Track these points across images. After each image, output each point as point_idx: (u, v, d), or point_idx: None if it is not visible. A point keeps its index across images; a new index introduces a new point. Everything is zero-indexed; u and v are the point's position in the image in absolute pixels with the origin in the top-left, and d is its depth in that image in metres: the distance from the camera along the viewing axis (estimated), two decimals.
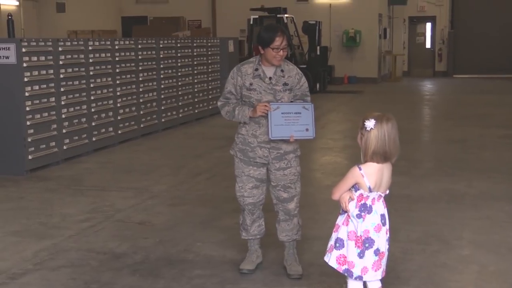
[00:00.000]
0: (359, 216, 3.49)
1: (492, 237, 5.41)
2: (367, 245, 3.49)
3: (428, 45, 25.75)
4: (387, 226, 3.57)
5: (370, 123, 3.42)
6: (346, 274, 3.56)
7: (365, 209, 3.49)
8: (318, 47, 18.94)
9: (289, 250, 4.64)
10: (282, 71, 4.42)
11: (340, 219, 3.60)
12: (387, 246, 3.58)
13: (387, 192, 3.59)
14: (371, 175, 3.45)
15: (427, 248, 5.15)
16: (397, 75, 23.61)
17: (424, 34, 25.86)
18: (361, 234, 3.49)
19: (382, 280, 3.66)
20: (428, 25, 25.57)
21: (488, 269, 4.72)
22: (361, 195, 3.49)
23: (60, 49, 8.67)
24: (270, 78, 4.39)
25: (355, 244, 3.50)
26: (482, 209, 6.27)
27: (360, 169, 3.46)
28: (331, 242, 3.62)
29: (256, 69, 4.41)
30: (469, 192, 6.95)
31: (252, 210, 4.57)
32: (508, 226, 5.71)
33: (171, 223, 5.96)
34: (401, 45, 24.93)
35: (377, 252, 3.51)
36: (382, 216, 3.53)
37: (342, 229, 3.55)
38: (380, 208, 3.53)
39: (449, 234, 5.49)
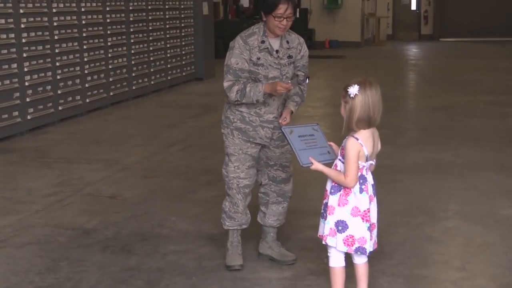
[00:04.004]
0: (361, 190, 3.51)
1: (479, 208, 5.49)
2: None
3: (413, 6, 25.75)
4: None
5: (353, 89, 3.42)
6: (359, 253, 3.58)
7: (364, 181, 3.51)
8: (297, 10, 18.85)
9: (272, 235, 4.50)
10: (287, 42, 4.19)
11: (333, 200, 3.56)
12: (376, 217, 3.64)
13: (375, 160, 3.62)
14: (367, 142, 3.48)
15: (412, 220, 5.21)
16: (381, 39, 23.62)
17: None
18: (368, 207, 3.51)
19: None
20: None
21: (474, 241, 4.79)
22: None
23: (21, 11, 8.52)
24: (277, 51, 4.15)
25: (362, 219, 3.51)
26: (469, 179, 6.34)
27: (357, 139, 3.45)
28: (330, 225, 3.56)
29: (263, 42, 4.13)
30: (456, 162, 7.02)
31: (247, 194, 4.34)
32: (495, 197, 5.80)
33: (143, 197, 5.95)
34: (385, 7, 24.90)
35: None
36: (373, 186, 3.58)
37: (341, 210, 3.52)
38: (370, 177, 3.56)
39: (435, 206, 5.55)
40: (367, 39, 23.29)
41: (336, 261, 3.65)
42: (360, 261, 3.67)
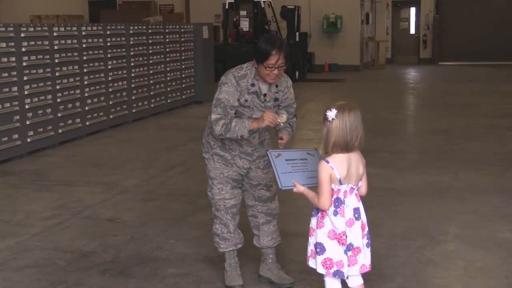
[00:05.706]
0: (335, 213, 3.50)
1: (479, 232, 5.47)
2: None
3: (412, 31, 25.89)
4: (364, 220, 3.58)
5: (331, 113, 3.46)
6: (337, 276, 3.57)
7: (340, 203, 3.50)
8: (297, 33, 18.95)
9: (271, 257, 4.49)
10: (276, 86, 4.18)
11: (313, 222, 3.60)
12: (366, 241, 3.59)
13: (360, 184, 3.60)
14: (339, 166, 3.47)
15: (412, 243, 5.19)
16: (380, 63, 23.72)
17: (408, 19, 26.00)
18: (343, 230, 3.50)
19: (364, 277, 3.68)
20: (413, 10, 25.70)
21: (474, 265, 4.77)
22: (332, 189, 3.50)
23: (22, 35, 8.57)
24: (264, 95, 4.15)
25: (339, 242, 3.51)
26: (468, 203, 6.33)
27: (328, 162, 3.47)
28: (311, 247, 3.62)
29: (253, 85, 4.12)
30: (455, 185, 7.01)
31: (235, 214, 4.37)
32: (495, 220, 5.78)
33: (142, 220, 5.94)
34: (384, 31, 25.03)
35: (350, 247, 3.53)
36: (356, 210, 3.54)
37: (318, 233, 3.55)
38: (352, 201, 3.54)
39: (435, 229, 5.53)
40: (366, 62, 23.38)
41: (332, 286, 3.63)
42: (354, 284, 3.64)
